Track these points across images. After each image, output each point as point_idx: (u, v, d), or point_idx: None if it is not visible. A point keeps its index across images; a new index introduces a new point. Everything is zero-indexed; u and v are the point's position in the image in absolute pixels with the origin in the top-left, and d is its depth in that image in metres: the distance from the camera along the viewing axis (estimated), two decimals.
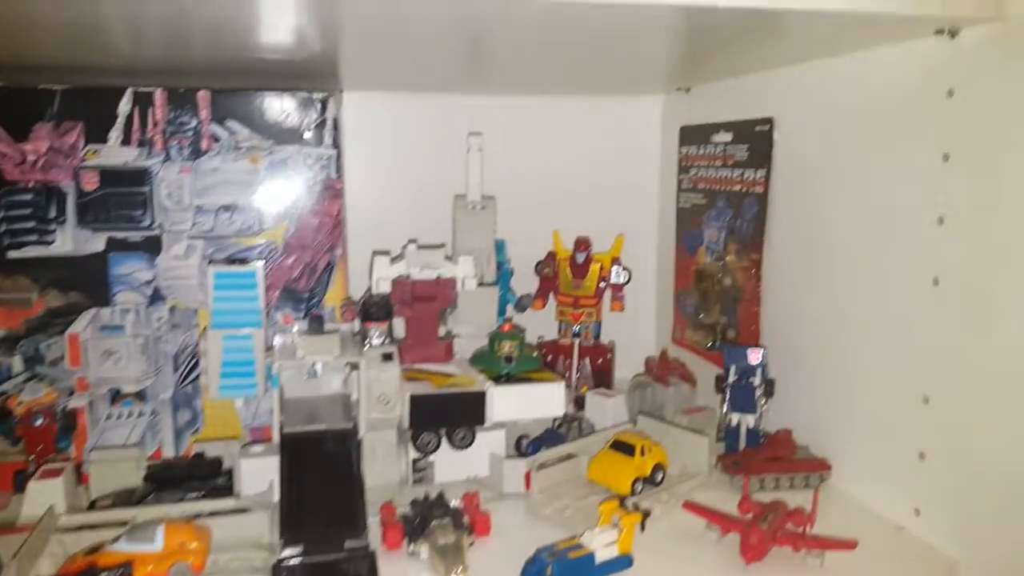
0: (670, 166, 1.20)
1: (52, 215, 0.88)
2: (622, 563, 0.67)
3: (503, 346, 0.87)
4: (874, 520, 0.77)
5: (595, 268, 1.10)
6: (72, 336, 0.89)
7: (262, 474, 0.77)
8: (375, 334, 0.85)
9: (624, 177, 1.25)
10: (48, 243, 0.88)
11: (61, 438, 0.87)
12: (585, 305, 1.11)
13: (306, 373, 0.85)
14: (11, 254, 0.87)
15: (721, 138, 1.05)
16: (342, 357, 0.80)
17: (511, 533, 0.74)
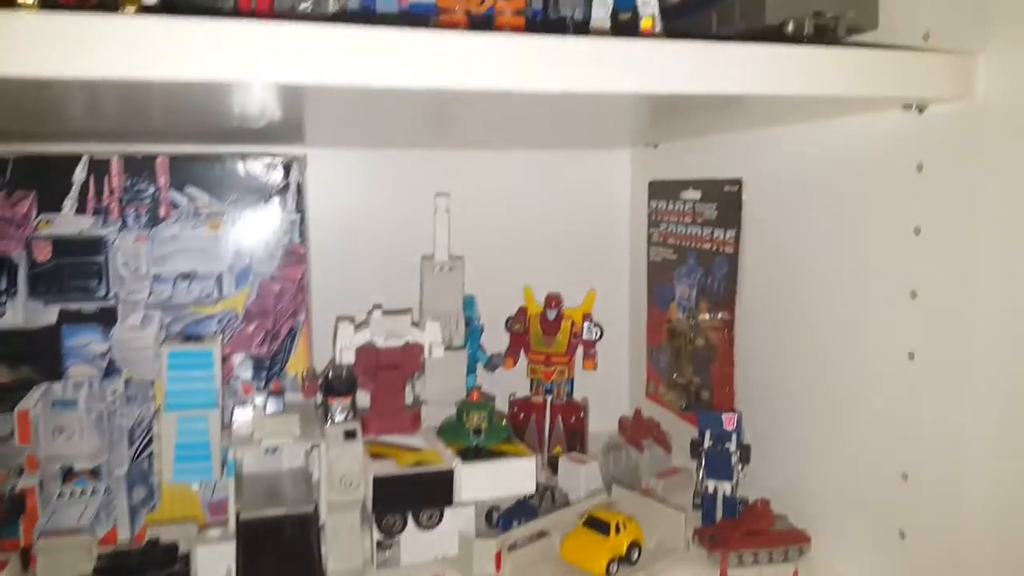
0: (640, 219, 1.18)
1: (2, 287, 0.85)
2: None
3: (472, 417, 0.85)
4: None
5: (566, 325, 1.08)
6: (22, 412, 0.85)
7: (220, 560, 0.73)
8: (338, 409, 0.82)
9: (594, 230, 1.24)
10: None
11: (9, 521, 0.83)
12: (557, 363, 1.08)
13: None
14: None
15: (690, 195, 1.04)
16: (302, 440, 0.77)
17: None
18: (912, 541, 0.70)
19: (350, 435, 0.78)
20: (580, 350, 1.09)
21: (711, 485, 0.88)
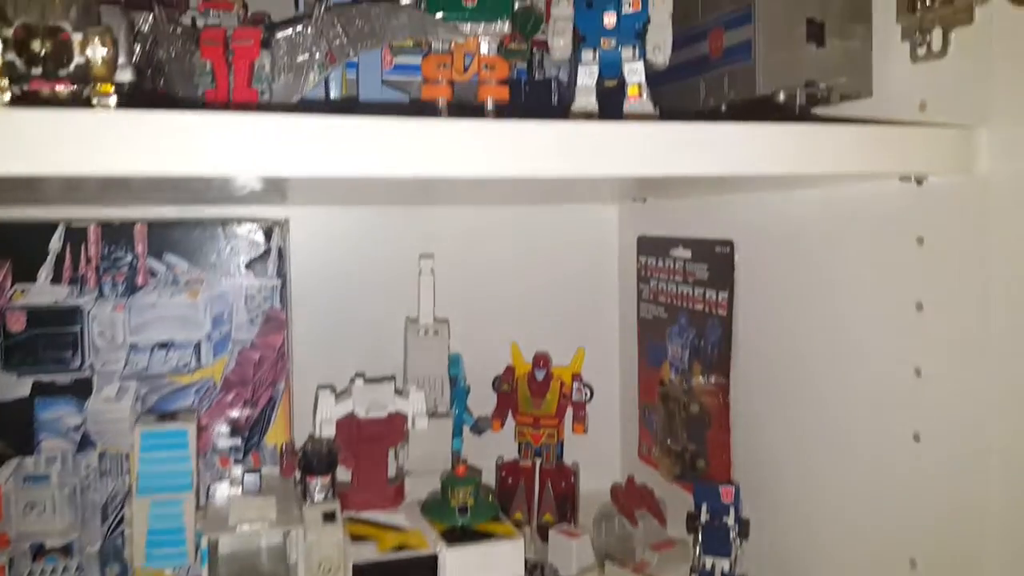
0: (629, 275, 1.16)
1: None
2: None
3: (457, 494, 0.82)
4: None
5: (556, 385, 1.05)
6: None
7: None
8: (316, 488, 0.79)
9: (583, 285, 1.21)
10: None
11: None
12: (546, 425, 1.06)
13: None
14: None
15: (680, 254, 1.02)
16: (278, 525, 0.74)
17: None
18: None
19: (329, 517, 0.75)
20: (569, 411, 1.06)
21: (708, 561, 0.85)
